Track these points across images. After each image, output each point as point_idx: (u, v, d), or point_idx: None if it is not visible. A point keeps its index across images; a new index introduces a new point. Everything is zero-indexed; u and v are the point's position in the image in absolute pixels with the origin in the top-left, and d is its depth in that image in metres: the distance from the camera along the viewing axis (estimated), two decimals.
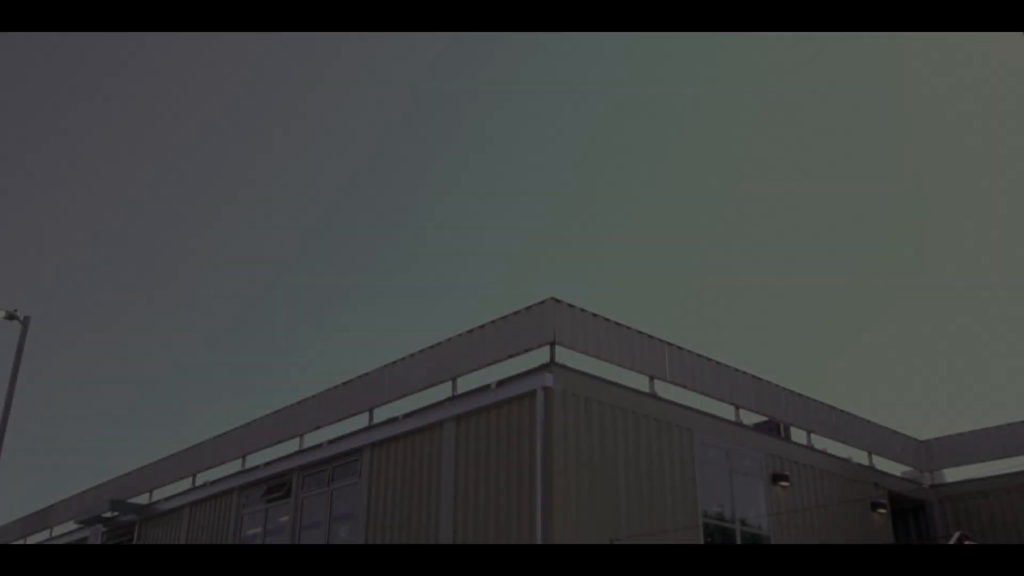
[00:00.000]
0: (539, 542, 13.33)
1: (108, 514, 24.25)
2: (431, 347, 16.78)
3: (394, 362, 17.52)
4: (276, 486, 19.71)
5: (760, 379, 18.44)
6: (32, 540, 30.72)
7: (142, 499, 24.79)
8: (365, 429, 17.62)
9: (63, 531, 28.44)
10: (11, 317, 19.44)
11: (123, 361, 69.14)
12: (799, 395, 19.36)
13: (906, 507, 21.63)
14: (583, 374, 14.84)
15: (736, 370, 17.93)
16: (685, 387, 16.73)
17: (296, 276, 71.79)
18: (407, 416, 16.62)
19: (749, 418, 18.09)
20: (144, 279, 69.71)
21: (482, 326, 15.91)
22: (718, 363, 17.57)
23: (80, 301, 70.39)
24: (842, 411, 20.42)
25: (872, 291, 61.51)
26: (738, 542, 16.47)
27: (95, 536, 22.75)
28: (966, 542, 18.18)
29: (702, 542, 15.68)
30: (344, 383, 18.73)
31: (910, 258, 60.87)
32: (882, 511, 19.82)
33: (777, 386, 18.86)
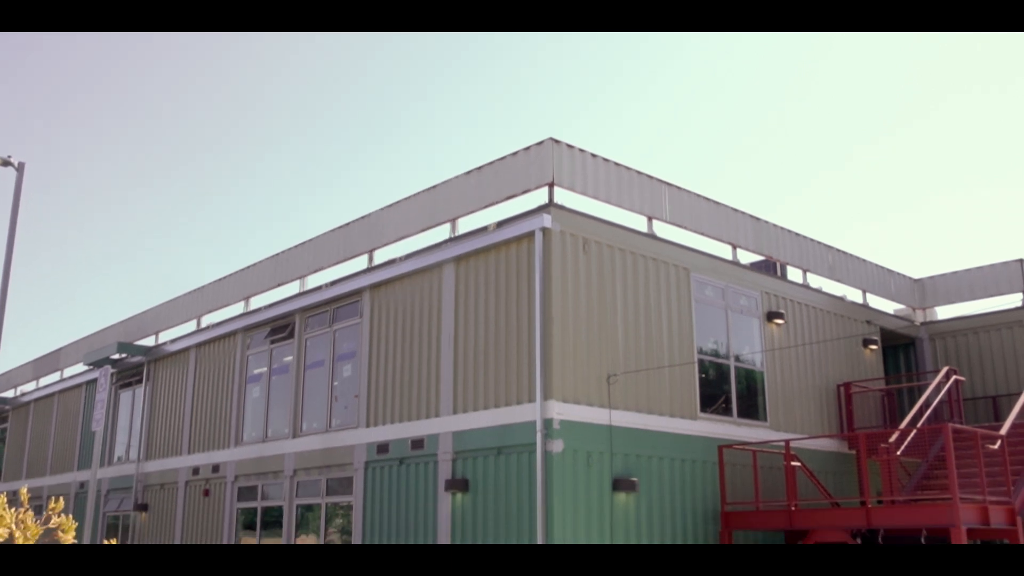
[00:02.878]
0: (537, 381, 13.71)
1: (116, 356, 24.76)
2: (430, 189, 16.75)
3: (393, 204, 17.53)
4: (279, 327, 20.07)
5: (758, 219, 18.49)
6: (44, 382, 31.56)
7: (148, 341, 25.29)
8: (365, 271, 17.80)
9: (73, 372, 29.18)
10: (5, 164, 19.26)
11: (124, 205, 69.10)
12: (796, 234, 19.46)
13: (897, 343, 22.12)
14: (582, 215, 14.88)
15: (734, 210, 17.95)
16: (683, 227, 16.80)
17: (297, 119, 70.89)
18: (407, 258, 16.76)
19: (746, 257, 18.25)
20: (142, 122, 68.84)
21: (481, 167, 15.84)
22: (716, 203, 17.58)
23: (77, 145, 69.72)
24: (838, 250, 20.57)
25: (871, 130, 60.90)
26: (732, 378, 16.92)
27: (104, 376, 23.31)
28: (953, 376, 18.72)
29: (697, 378, 16.12)
30: (344, 225, 18.79)
31: (908, 99, 59.92)
32: (873, 347, 20.26)
33: (774, 225, 18.93)
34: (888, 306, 21.87)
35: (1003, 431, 15.04)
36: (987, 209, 60.45)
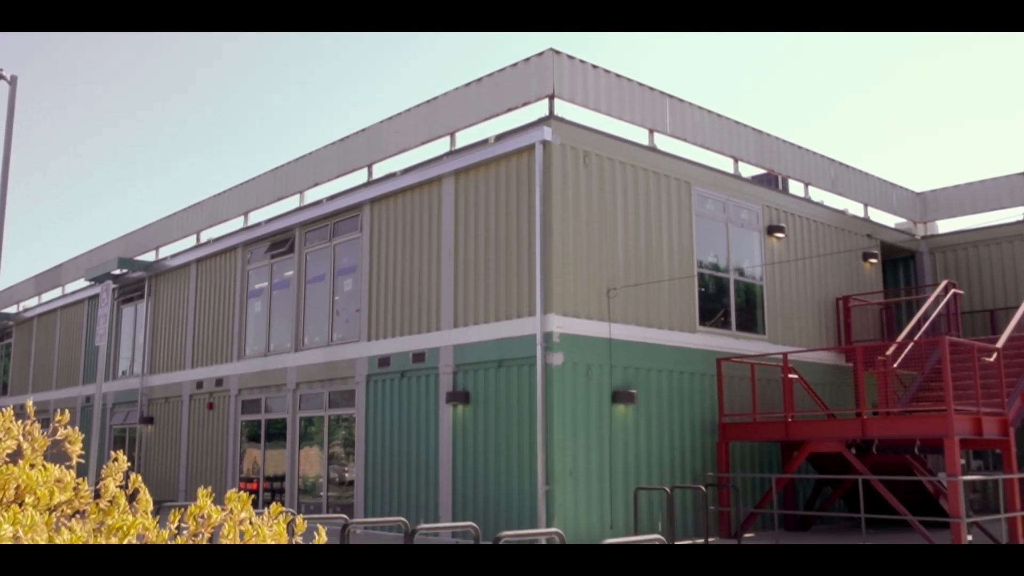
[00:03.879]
0: (538, 294, 13.75)
1: (117, 271, 24.81)
2: (429, 101, 16.56)
3: (392, 117, 17.35)
4: (279, 242, 20.06)
5: (760, 132, 18.31)
6: (46, 297, 31.69)
7: (149, 256, 25.32)
8: (365, 185, 17.72)
9: (74, 288, 29.28)
10: None
11: (125, 120, 68.44)
12: (798, 147, 19.29)
13: (897, 257, 22.12)
14: (582, 127, 14.73)
15: (736, 123, 17.77)
16: (685, 140, 16.65)
17: (297, 33, 69.63)
18: (406, 171, 16.66)
19: (748, 171, 18.13)
20: (143, 37, 67.66)
21: (480, 79, 15.62)
22: (718, 115, 17.38)
23: (78, 60, 68.71)
24: (841, 163, 20.42)
25: (876, 42, 59.90)
26: (732, 291, 16.97)
27: (106, 292, 23.39)
28: (952, 290, 18.77)
29: (697, 292, 16.17)
30: (343, 139, 18.63)
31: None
32: (873, 261, 20.27)
33: (777, 139, 18.75)
34: (889, 220, 21.81)
35: (999, 344, 15.15)
36: (1002, 137, 59.86)
